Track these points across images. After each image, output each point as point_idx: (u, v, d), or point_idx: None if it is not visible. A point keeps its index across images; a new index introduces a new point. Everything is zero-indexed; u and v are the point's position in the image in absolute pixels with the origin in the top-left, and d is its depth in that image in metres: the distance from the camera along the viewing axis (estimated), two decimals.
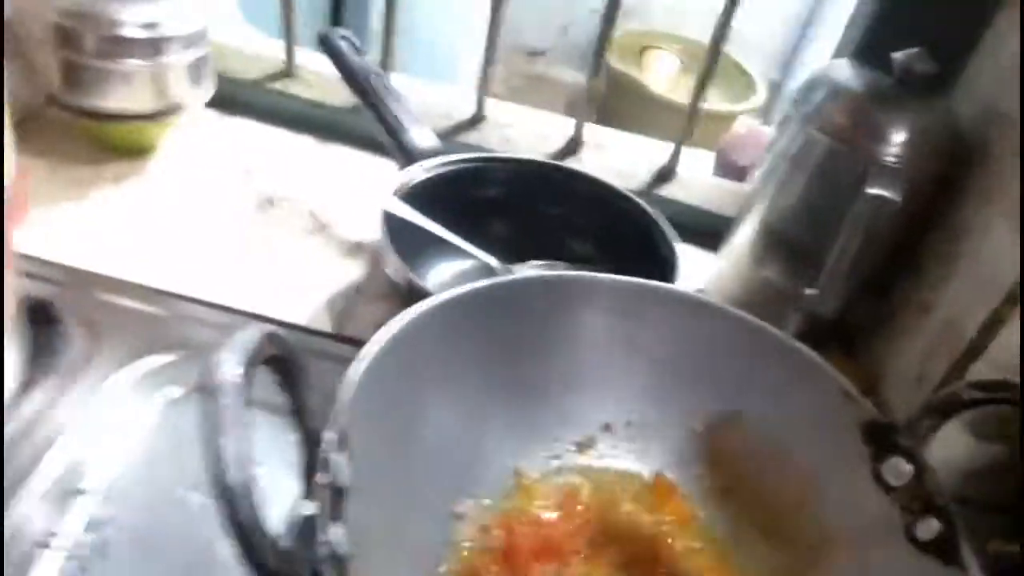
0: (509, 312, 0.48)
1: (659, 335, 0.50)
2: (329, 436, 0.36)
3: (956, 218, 0.57)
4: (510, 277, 0.48)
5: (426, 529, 0.44)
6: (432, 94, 0.90)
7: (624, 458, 0.51)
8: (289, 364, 0.34)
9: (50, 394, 0.52)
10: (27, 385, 0.52)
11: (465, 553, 0.45)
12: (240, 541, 0.28)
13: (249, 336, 0.31)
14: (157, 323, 0.59)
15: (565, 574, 0.45)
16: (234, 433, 0.27)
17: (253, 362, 0.30)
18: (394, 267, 0.58)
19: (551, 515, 0.47)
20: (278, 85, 0.83)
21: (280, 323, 0.61)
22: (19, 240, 0.50)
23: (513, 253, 0.64)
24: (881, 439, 0.45)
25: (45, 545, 0.43)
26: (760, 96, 2.04)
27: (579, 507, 0.48)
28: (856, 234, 0.56)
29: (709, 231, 0.75)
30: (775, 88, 2.19)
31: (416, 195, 0.63)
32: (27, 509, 0.46)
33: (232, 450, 0.27)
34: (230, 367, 0.29)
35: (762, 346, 0.49)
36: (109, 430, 0.51)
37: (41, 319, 0.55)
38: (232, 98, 0.82)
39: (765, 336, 0.49)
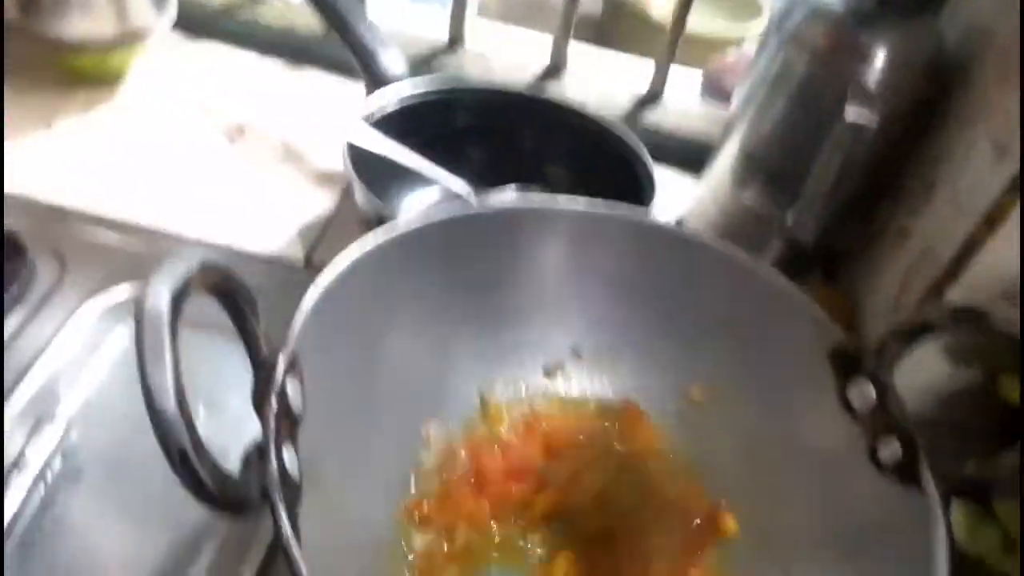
0: (471, 242, 0.47)
1: (622, 261, 0.49)
2: (280, 362, 0.36)
3: (937, 142, 0.55)
4: (470, 209, 0.47)
5: (393, 454, 0.44)
6: (410, 14, 0.87)
7: (592, 383, 0.51)
8: (232, 291, 0.33)
9: (20, 323, 0.53)
10: None
11: (433, 477, 0.45)
12: (176, 467, 0.28)
13: (180, 264, 0.30)
14: (125, 254, 0.58)
15: (533, 497, 0.46)
16: (161, 360, 0.27)
17: (183, 289, 0.29)
18: (362, 197, 0.57)
19: (517, 439, 0.47)
20: (246, 11, 0.80)
21: (250, 255, 0.61)
22: None
23: (487, 180, 0.63)
24: (847, 364, 0.45)
25: (17, 468, 0.44)
26: (764, 20, 1.97)
27: (546, 431, 0.48)
28: (835, 159, 0.54)
29: (694, 157, 0.73)
30: None
31: (385, 122, 0.61)
32: None
33: (160, 377, 0.27)
34: (157, 295, 0.28)
35: (730, 271, 0.48)
36: (79, 358, 0.52)
37: (8, 251, 0.54)
38: (200, 23, 0.79)
39: (733, 261, 0.48)
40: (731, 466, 0.48)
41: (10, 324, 0.52)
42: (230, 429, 0.34)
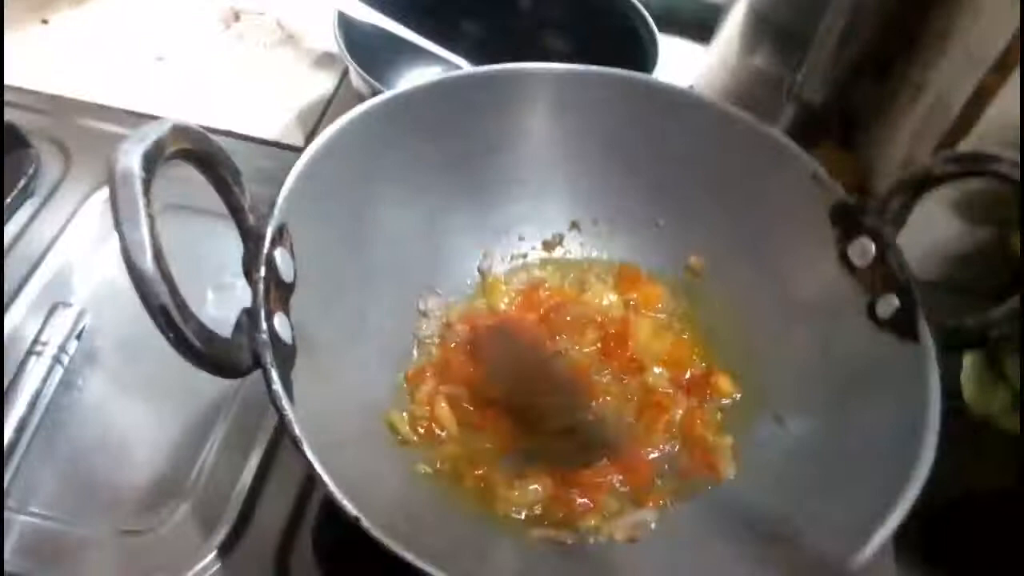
0: (462, 108, 0.46)
1: (620, 126, 0.48)
2: (267, 231, 0.36)
3: None
4: (458, 72, 0.46)
5: (391, 325, 0.45)
6: None
7: (590, 253, 0.51)
8: (209, 159, 0.33)
9: (30, 215, 0.54)
10: (6, 208, 0.53)
11: (432, 347, 0.46)
12: (159, 324, 0.29)
13: (151, 128, 0.30)
14: None
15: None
16: (136, 219, 0.27)
17: (156, 152, 0.29)
18: (357, 76, 0.56)
19: (516, 310, 0.48)
20: None
21: (250, 138, 0.61)
22: None
23: (486, 54, 0.61)
24: (848, 220, 0.44)
25: (36, 352, 0.46)
26: None
27: (544, 296, 0.48)
28: (842, 12, 0.51)
29: (703, 24, 0.70)
30: None
31: None
32: (17, 320, 0.48)
33: (136, 235, 0.27)
34: (128, 157, 0.28)
35: (730, 132, 0.47)
36: (90, 247, 0.53)
37: (11, 144, 0.55)
38: None
39: (729, 119, 0.46)
40: (728, 328, 0.48)
41: (20, 216, 0.54)
42: (238, 311, 0.35)
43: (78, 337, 0.48)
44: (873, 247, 0.42)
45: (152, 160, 0.29)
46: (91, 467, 0.44)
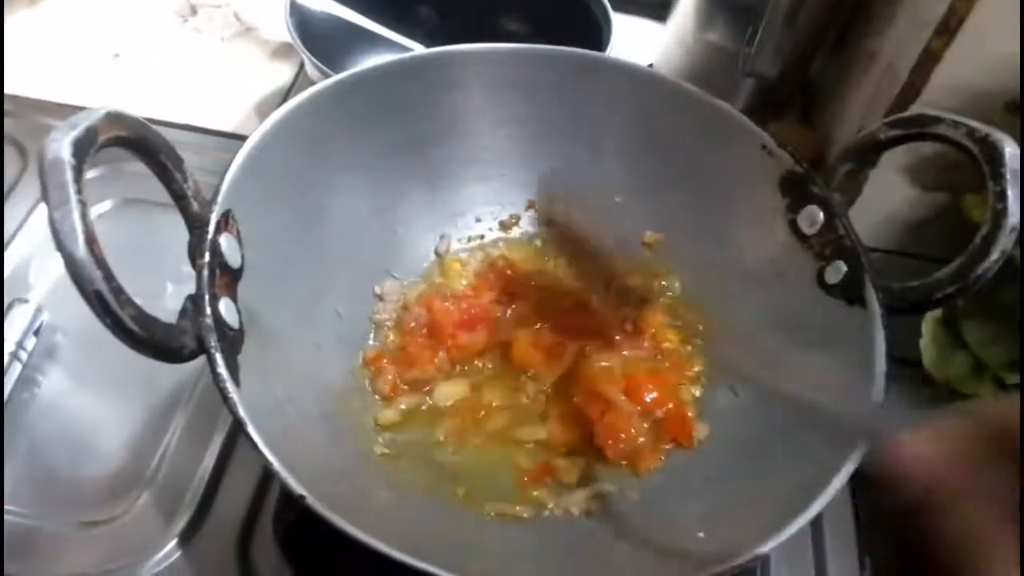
0: (413, 91, 0.46)
1: (567, 104, 0.48)
2: (212, 218, 0.36)
3: None
4: (406, 54, 0.46)
5: (347, 309, 0.45)
6: None
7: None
8: (145, 145, 0.33)
9: None
10: None
11: (389, 331, 0.46)
12: (94, 308, 0.29)
13: (84, 116, 0.30)
14: None
15: (488, 346, 0.47)
16: (67, 204, 0.27)
17: (87, 139, 0.29)
18: (311, 66, 0.56)
19: (472, 290, 0.48)
20: None
21: (208, 131, 0.60)
22: None
23: (442, 39, 0.61)
24: (798, 189, 0.44)
25: None
26: None
27: (500, 274, 0.49)
28: None
29: (663, 2, 0.70)
30: None
31: None
32: None
33: (67, 221, 0.27)
34: (58, 145, 0.28)
35: (682, 107, 0.47)
36: (45, 243, 0.53)
37: None
38: None
39: (681, 94, 0.47)
40: (685, 300, 0.49)
41: None
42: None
43: (36, 333, 0.48)
44: (821, 215, 0.43)
45: (83, 147, 0.29)
46: (52, 461, 0.44)
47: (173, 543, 0.41)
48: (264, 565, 0.40)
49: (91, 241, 0.28)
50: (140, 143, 0.33)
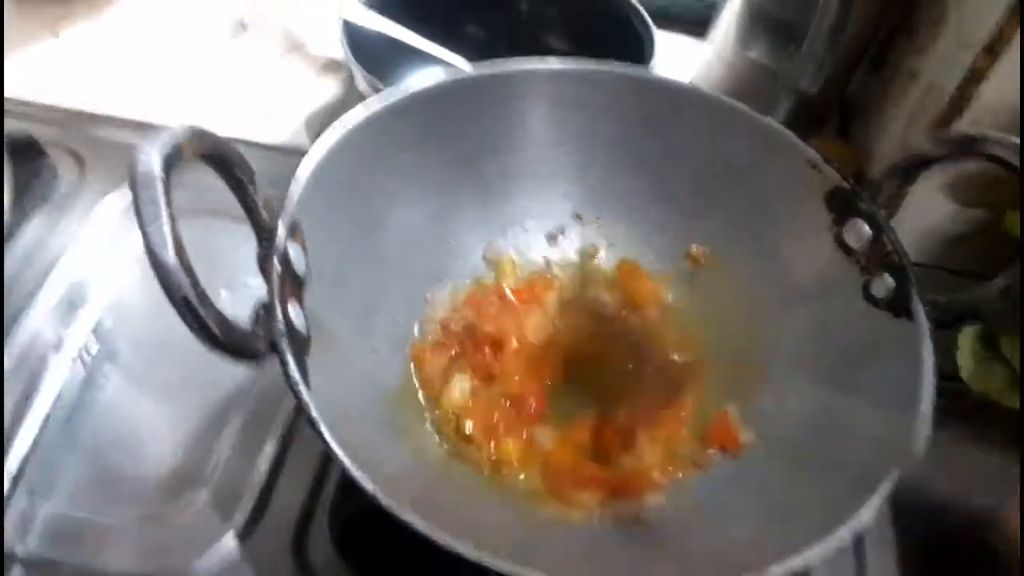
0: (466, 107, 0.47)
1: (620, 120, 0.49)
2: (280, 228, 0.37)
3: None
4: (460, 71, 0.47)
5: (400, 315, 0.47)
6: None
7: (592, 243, 0.52)
8: (224, 160, 0.35)
9: (46, 221, 0.55)
10: (23, 214, 0.55)
11: (437, 331, 0.47)
12: (182, 313, 0.30)
13: (171, 132, 0.31)
14: None
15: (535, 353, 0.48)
16: (158, 217, 0.29)
17: (175, 154, 0.31)
18: (362, 80, 0.58)
19: (518, 298, 0.49)
20: None
21: (259, 144, 0.62)
22: None
23: (487, 55, 0.62)
24: (844, 204, 0.45)
25: (57, 352, 0.47)
26: None
27: (546, 286, 0.50)
28: (835, 3, 0.53)
29: (700, 19, 0.71)
30: None
31: (382, 1, 0.61)
32: (37, 322, 0.50)
33: (158, 233, 0.29)
34: (148, 159, 0.30)
35: (728, 123, 0.48)
36: (106, 250, 0.55)
37: (25, 155, 0.57)
38: None
39: (727, 110, 0.47)
40: (728, 313, 0.49)
41: (38, 223, 0.55)
42: (250, 307, 0.36)
43: (98, 338, 0.49)
44: (868, 229, 0.44)
45: (171, 162, 0.30)
46: (112, 459, 0.46)
47: (231, 539, 0.42)
48: (319, 562, 0.42)
49: (180, 250, 0.30)
50: (219, 158, 0.35)
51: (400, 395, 0.44)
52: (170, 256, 0.29)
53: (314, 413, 0.33)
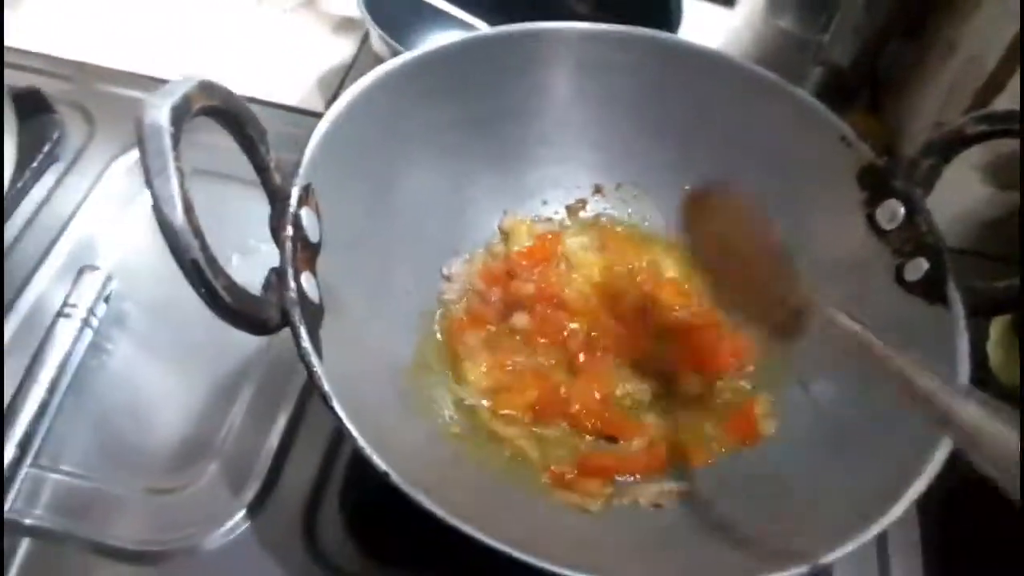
0: (484, 69, 0.46)
1: (644, 87, 0.47)
2: (293, 191, 0.36)
3: None
4: (481, 32, 0.45)
5: (416, 287, 0.45)
6: None
7: (614, 216, 0.51)
8: (234, 116, 0.33)
9: (55, 180, 0.54)
10: (31, 173, 0.53)
11: (456, 309, 0.46)
12: (190, 277, 0.29)
13: (180, 84, 0.30)
14: None
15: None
16: (166, 172, 0.28)
17: (184, 107, 0.29)
18: (378, 40, 0.56)
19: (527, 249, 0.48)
20: None
21: (271, 104, 0.61)
22: (6, 31, 0.49)
23: (505, 16, 0.60)
24: (877, 183, 0.43)
25: (65, 315, 0.46)
26: None
27: (557, 249, 0.49)
28: None
29: None
30: None
31: None
32: (45, 284, 0.49)
33: (168, 189, 0.28)
34: (157, 111, 0.28)
35: (757, 93, 0.46)
36: (115, 211, 0.53)
37: (32, 109, 0.55)
38: None
39: (758, 80, 0.46)
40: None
41: (46, 181, 0.54)
42: (262, 273, 0.35)
43: (106, 300, 0.48)
44: (902, 210, 0.42)
45: (180, 115, 0.29)
46: (121, 427, 0.45)
47: (241, 515, 0.41)
48: (329, 539, 0.41)
49: (188, 209, 0.28)
50: (229, 114, 0.33)
51: (415, 371, 0.42)
52: (178, 216, 0.28)
53: (327, 388, 0.32)
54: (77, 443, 0.43)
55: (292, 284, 0.34)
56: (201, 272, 0.29)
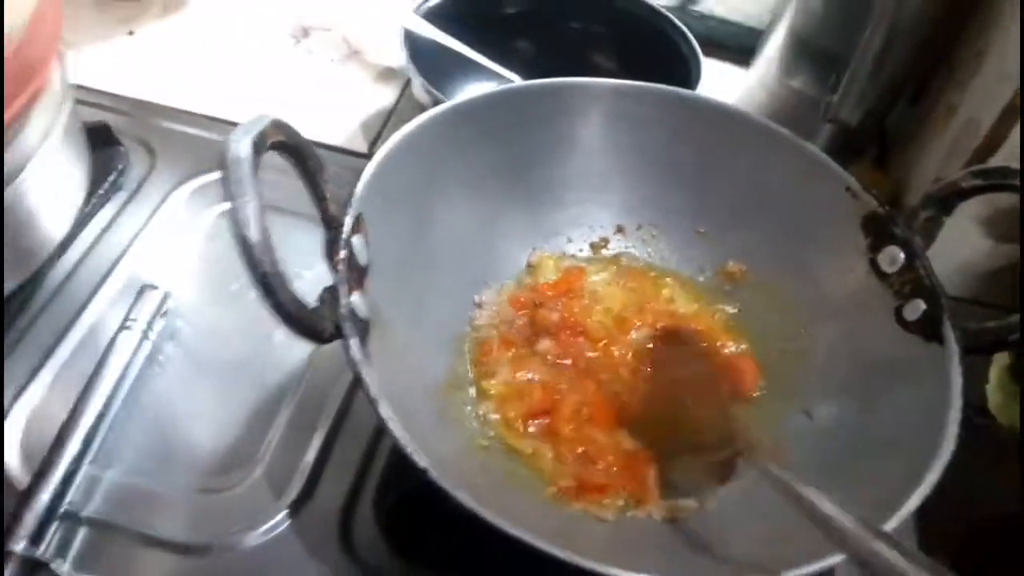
0: (517, 118, 0.50)
1: (665, 138, 0.52)
2: (347, 219, 0.40)
3: (986, 8, 0.55)
4: (516, 84, 0.50)
5: (448, 313, 0.49)
6: None
7: (633, 255, 0.55)
8: (299, 151, 0.38)
9: (119, 207, 0.59)
10: (98, 199, 0.58)
11: (483, 333, 0.50)
12: (260, 287, 0.33)
13: (256, 121, 0.34)
14: (206, 145, 0.63)
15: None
16: (246, 196, 0.32)
17: (261, 141, 0.34)
18: (419, 87, 0.60)
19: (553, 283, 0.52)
20: None
21: (320, 144, 0.65)
22: (74, 70, 0.54)
23: (537, 71, 0.65)
24: (880, 230, 0.47)
25: (127, 328, 0.50)
26: None
27: (581, 282, 0.52)
28: (878, 36, 0.55)
29: (744, 47, 0.74)
30: None
31: (438, 13, 0.64)
32: (108, 301, 0.53)
33: (246, 211, 0.32)
34: (239, 145, 0.32)
35: (771, 147, 0.50)
36: (174, 237, 0.58)
37: (101, 141, 0.60)
38: None
39: (771, 135, 0.50)
40: (761, 329, 0.51)
41: (110, 208, 0.59)
42: (309, 297, 0.39)
43: (163, 316, 0.52)
44: (902, 255, 0.45)
45: (258, 147, 0.33)
46: (172, 433, 0.48)
47: (281, 516, 0.44)
48: (363, 540, 0.44)
49: (264, 230, 0.32)
50: (295, 148, 0.37)
51: (447, 389, 0.46)
52: (256, 235, 0.32)
53: (374, 392, 0.35)
54: (132, 445, 0.47)
55: (344, 300, 0.38)
56: (271, 285, 0.32)
